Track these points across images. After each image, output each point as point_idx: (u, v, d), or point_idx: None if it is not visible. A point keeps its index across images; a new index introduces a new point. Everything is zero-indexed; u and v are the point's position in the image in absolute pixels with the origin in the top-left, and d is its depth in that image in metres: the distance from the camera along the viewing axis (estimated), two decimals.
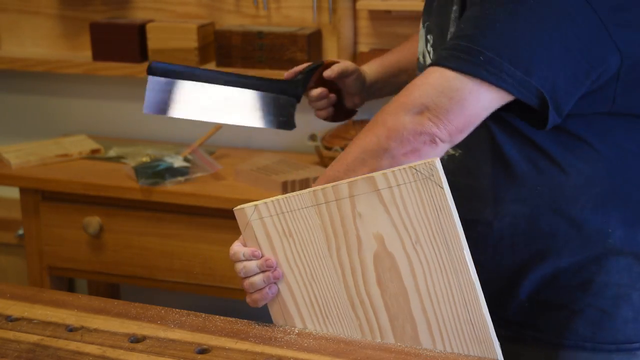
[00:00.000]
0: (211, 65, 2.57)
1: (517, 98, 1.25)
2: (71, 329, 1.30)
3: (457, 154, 1.43)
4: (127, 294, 2.94)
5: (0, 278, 2.87)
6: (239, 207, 1.29)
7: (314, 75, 1.65)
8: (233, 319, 1.33)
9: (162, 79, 1.57)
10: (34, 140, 2.72)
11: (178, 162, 2.43)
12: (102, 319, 1.33)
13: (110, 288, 2.88)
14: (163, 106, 1.58)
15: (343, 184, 1.22)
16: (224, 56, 2.52)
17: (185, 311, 1.35)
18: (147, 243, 2.41)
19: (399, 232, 1.21)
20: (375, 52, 2.39)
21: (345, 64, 1.65)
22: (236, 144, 2.68)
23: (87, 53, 2.75)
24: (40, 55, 2.79)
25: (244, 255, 1.30)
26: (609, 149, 1.35)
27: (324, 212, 1.24)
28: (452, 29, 1.37)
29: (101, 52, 2.66)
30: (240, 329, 1.30)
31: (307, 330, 1.30)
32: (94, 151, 2.60)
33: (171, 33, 2.56)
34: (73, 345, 1.26)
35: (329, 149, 2.42)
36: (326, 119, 1.70)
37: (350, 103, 1.70)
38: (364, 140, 1.27)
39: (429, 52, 1.49)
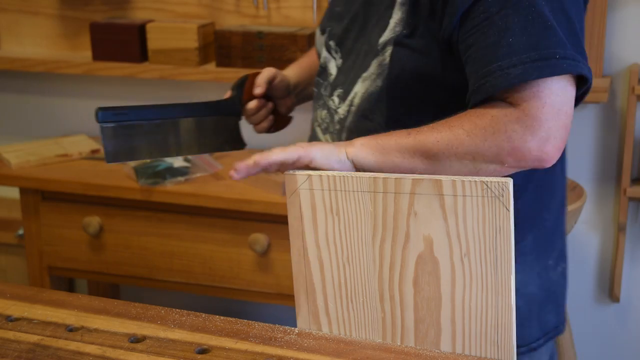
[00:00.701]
0: (211, 66, 2.57)
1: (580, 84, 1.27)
2: (71, 329, 1.30)
3: None
4: (127, 294, 2.94)
5: (0, 278, 2.87)
6: (290, 171, 1.27)
7: (245, 89, 1.64)
8: (233, 319, 1.32)
9: (114, 125, 1.50)
10: (34, 140, 2.72)
11: (178, 162, 2.43)
12: (102, 319, 1.33)
13: (110, 288, 2.88)
14: (125, 152, 1.52)
15: (407, 179, 1.20)
16: (224, 56, 2.52)
17: (185, 311, 1.35)
18: (147, 243, 2.41)
19: (450, 240, 1.20)
20: None
21: (267, 72, 1.66)
22: None
23: (87, 53, 2.75)
24: (40, 55, 2.79)
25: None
26: None
27: (379, 201, 1.22)
28: (392, 29, 1.38)
29: (101, 52, 2.66)
30: (240, 329, 1.29)
31: (307, 330, 1.30)
32: (94, 151, 2.61)
33: (171, 33, 2.56)
34: (73, 345, 1.26)
35: None
36: (268, 130, 1.69)
37: (284, 108, 1.71)
38: (483, 144, 1.25)
39: (334, 58, 1.51)
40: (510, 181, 1.16)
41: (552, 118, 1.23)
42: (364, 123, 1.43)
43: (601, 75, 2.37)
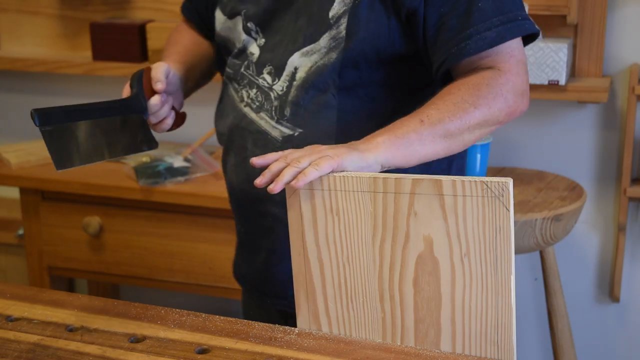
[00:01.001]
0: None
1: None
2: (71, 329, 1.30)
3: (295, 134, 1.45)
4: (127, 294, 2.94)
5: (0, 278, 2.87)
6: None
7: (144, 86, 1.51)
8: (233, 319, 1.32)
9: (52, 128, 1.39)
10: (34, 140, 2.72)
11: (178, 162, 2.43)
12: (102, 319, 1.33)
13: (110, 288, 2.88)
14: (70, 157, 1.40)
15: (407, 179, 1.20)
16: None
17: (185, 311, 1.35)
18: (147, 243, 2.41)
19: (450, 240, 1.19)
20: None
21: (161, 66, 1.54)
22: None
23: (87, 53, 2.75)
24: (40, 55, 2.79)
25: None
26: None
27: (379, 201, 1.22)
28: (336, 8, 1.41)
29: (101, 52, 2.66)
30: (240, 329, 1.29)
31: (307, 330, 1.30)
32: None
33: None
34: (73, 345, 1.26)
35: None
36: (171, 127, 1.57)
37: (177, 104, 1.61)
38: (489, 111, 1.33)
39: (254, 39, 1.50)
40: (510, 181, 1.16)
41: (524, 73, 1.38)
42: (315, 95, 1.44)
43: (601, 75, 2.37)
